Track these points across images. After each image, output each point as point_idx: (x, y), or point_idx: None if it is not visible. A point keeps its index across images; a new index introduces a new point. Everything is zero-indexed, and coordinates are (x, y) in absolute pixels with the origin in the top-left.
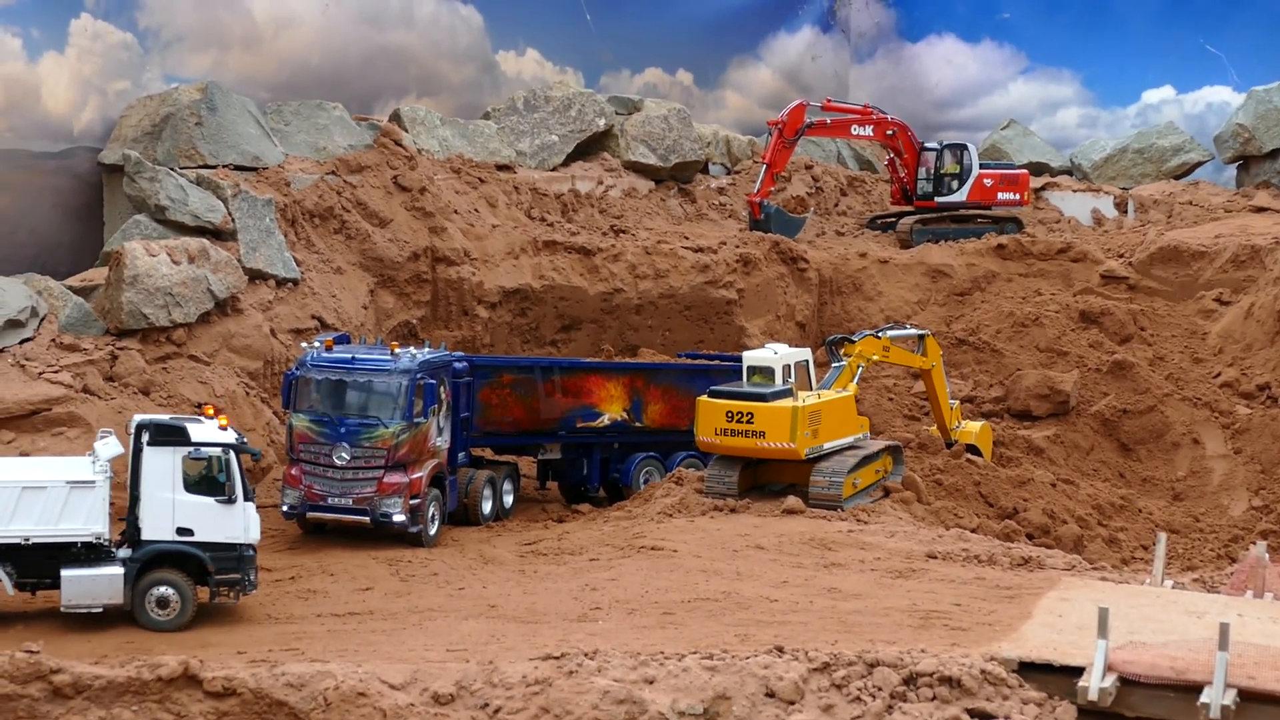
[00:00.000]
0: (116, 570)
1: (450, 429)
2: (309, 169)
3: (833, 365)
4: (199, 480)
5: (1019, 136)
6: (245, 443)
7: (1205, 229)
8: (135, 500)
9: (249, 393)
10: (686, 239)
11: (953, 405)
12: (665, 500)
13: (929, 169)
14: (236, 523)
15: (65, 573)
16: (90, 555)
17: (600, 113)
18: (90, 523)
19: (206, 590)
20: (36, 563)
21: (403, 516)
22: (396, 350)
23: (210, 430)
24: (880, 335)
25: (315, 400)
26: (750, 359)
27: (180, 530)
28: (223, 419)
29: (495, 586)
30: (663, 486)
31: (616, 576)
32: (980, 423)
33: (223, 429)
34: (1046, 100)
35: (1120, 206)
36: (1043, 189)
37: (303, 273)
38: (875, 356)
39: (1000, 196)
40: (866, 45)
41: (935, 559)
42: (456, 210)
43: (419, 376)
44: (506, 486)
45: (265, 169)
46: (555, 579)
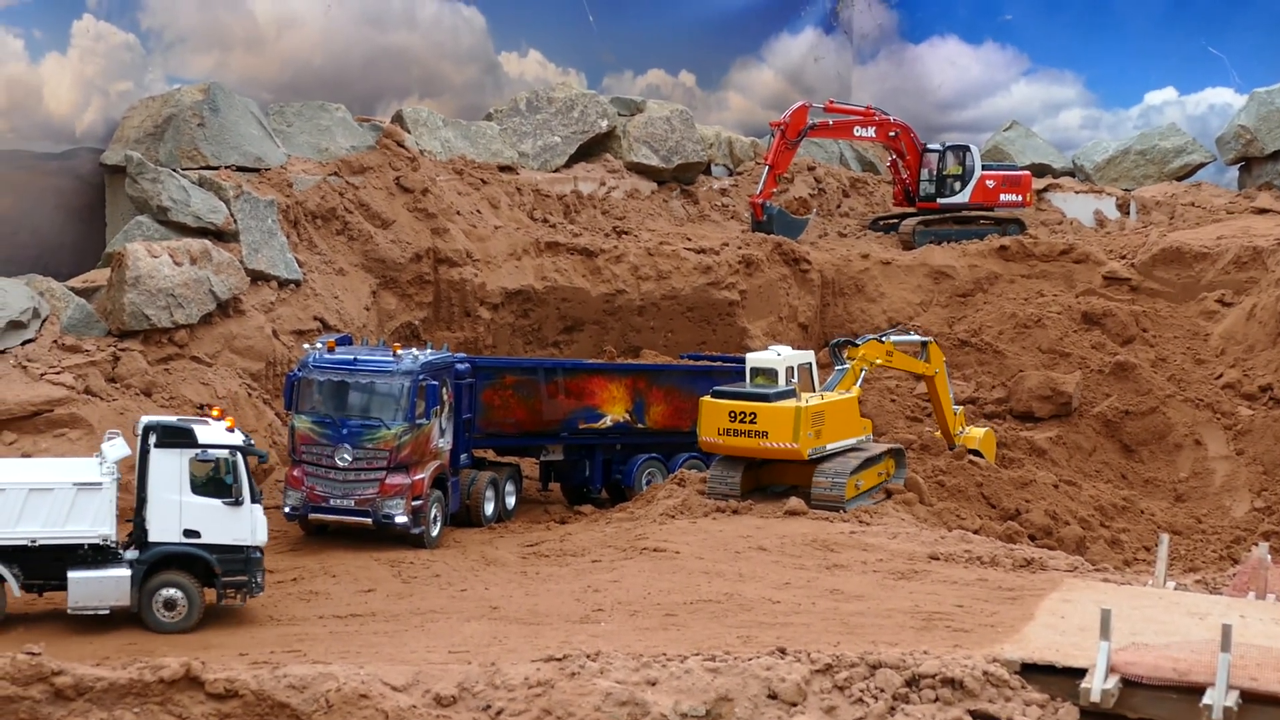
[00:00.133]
0: (124, 572)
1: (452, 430)
2: (311, 170)
3: (836, 368)
4: (206, 482)
5: (1021, 138)
6: (252, 444)
7: (1207, 230)
8: (142, 502)
9: (251, 394)
10: (689, 240)
11: (956, 411)
12: (668, 502)
13: (931, 170)
14: (244, 525)
15: (72, 574)
16: (97, 557)
17: (603, 114)
18: (97, 524)
19: (213, 592)
20: (43, 564)
21: (405, 518)
22: (399, 351)
23: (217, 432)
24: (883, 340)
25: (317, 401)
26: (753, 360)
27: (187, 532)
28: (230, 421)
29: (497, 588)
30: (665, 488)
31: (619, 578)
32: (984, 429)
33: (230, 431)
34: (1049, 102)
35: (1122, 208)
36: (1045, 190)
37: (305, 274)
38: (878, 361)
39: (1003, 198)
40: (869, 46)
41: (938, 560)
42: (459, 211)
43: (421, 378)
44: (509, 488)
45: (267, 170)
46: (557, 580)
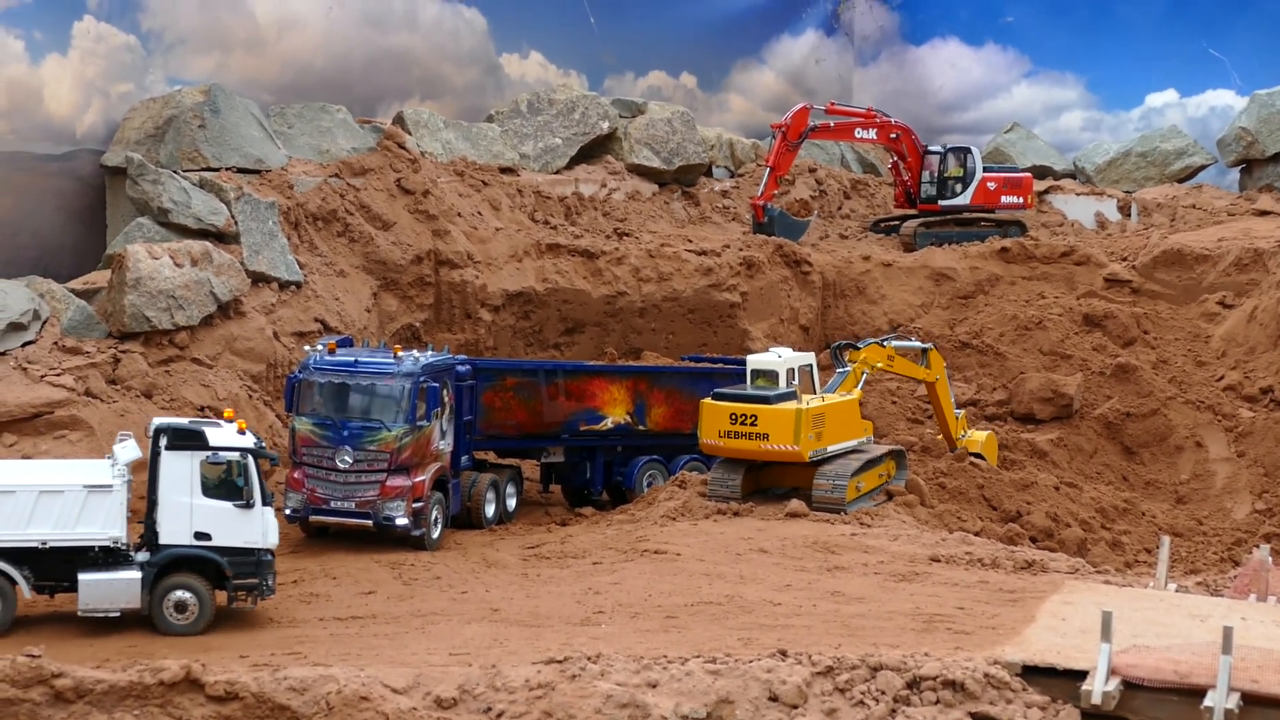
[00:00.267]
0: (134, 574)
1: (453, 432)
2: (312, 172)
3: (837, 370)
4: (217, 484)
5: (1022, 140)
6: (263, 447)
7: (1208, 232)
8: (153, 504)
9: (251, 396)
10: (690, 242)
11: (958, 415)
12: (668, 504)
13: (932, 172)
14: (255, 527)
15: (82, 576)
16: (108, 559)
17: (604, 115)
18: (108, 526)
19: (224, 594)
20: (54, 566)
21: (405, 520)
22: (399, 353)
23: (229, 434)
24: (885, 344)
25: (318, 403)
26: (754, 362)
27: (198, 534)
28: (241, 423)
29: (498, 590)
30: (666, 490)
31: (619, 580)
32: (986, 432)
33: (241, 433)
34: (1050, 104)
35: (1123, 210)
36: (1046, 192)
37: (305, 276)
38: (879, 365)
39: (1004, 200)
40: (870, 48)
41: (939, 562)
42: (460, 213)
43: (422, 380)
44: (509, 490)
45: (268, 172)
46: (558, 582)
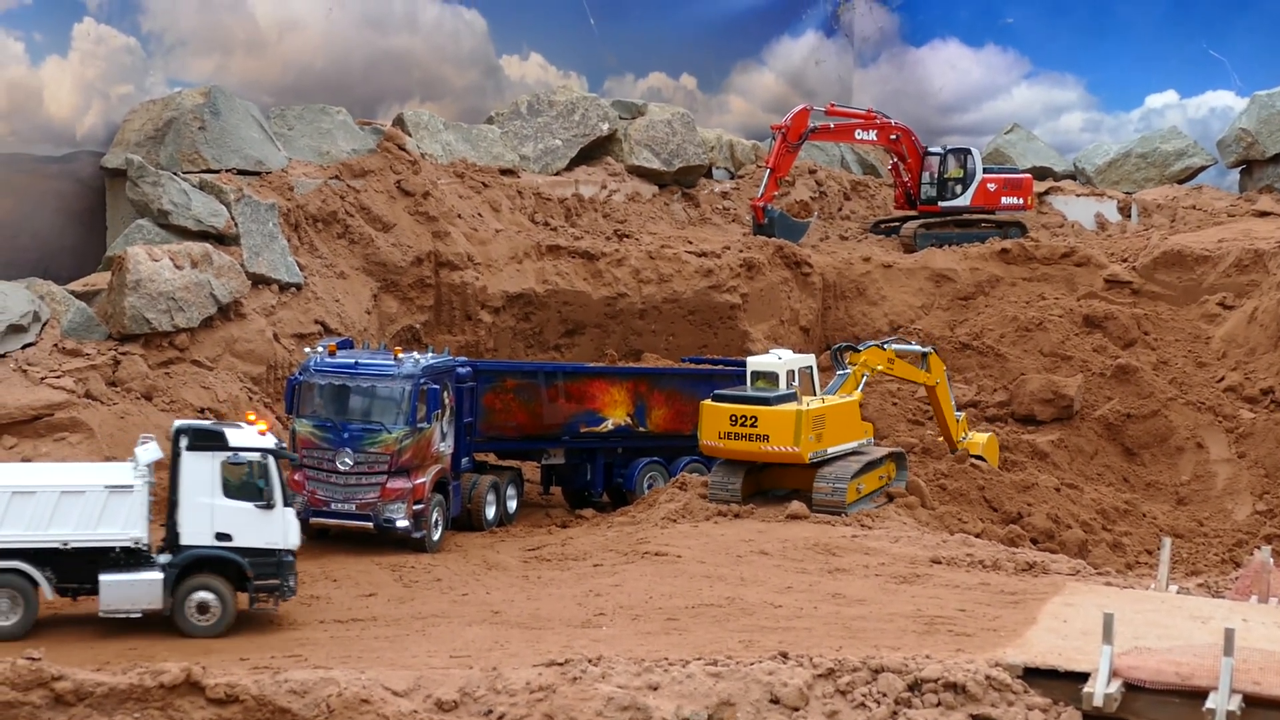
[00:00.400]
0: (156, 575)
1: (454, 434)
2: (312, 173)
3: (837, 373)
4: (238, 485)
5: (1022, 141)
6: (284, 448)
7: (1208, 233)
8: (174, 505)
9: (252, 398)
10: (690, 243)
11: (959, 417)
12: (669, 505)
13: (933, 173)
14: (276, 528)
15: (104, 577)
16: (129, 560)
17: (604, 117)
18: (129, 527)
19: (245, 595)
20: (76, 567)
21: (406, 522)
22: (400, 355)
23: (250, 435)
24: (885, 347)
25: (318, 405)
26: (754, 364)
27: (219, 535)
28: (263, 424)
29: (499, 592)
30: (666, 492)
31: (620, 582)
32: (986, 434)
33: (262, 434)
34: (1050, 105)
35: (1124, 211)
36: (1046, 193)
37: (306, 277)
38: (880, 367)
39: (1004, 201)
40: (870, 50)
41: (940, 564)
42: (460, 215)
43: (422, 382)
44: (510, 492)
45: (268, 173)
46: (559, 585)
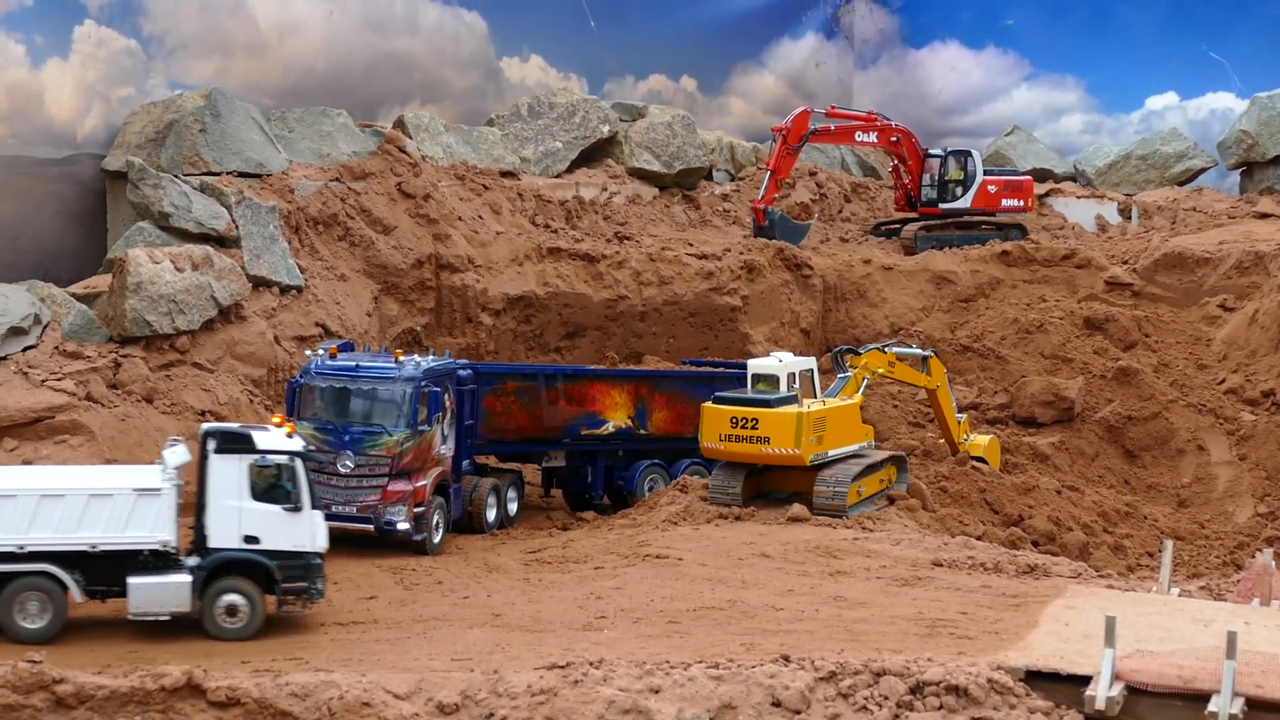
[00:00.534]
0: (184, 578)
1: (454, 437)
2: (313, 176)
3: (838, 375)
4: (266, 488)
5: (1023, 143)
6: (313, 451)
7: (1209, 235)
8: (202, 508)
9: (252, 400)
10: (690, 246)
11: (960, 419)
12: (670, 508)
13: (933, 175)
14: (303, 531)
15: (132, 580)
16: (158, 563)
17: (604, 119)
18: (157, 530)
19: (274, 598)
20: (104, 570)
21: (407, 524)
22: (401, 358)
23: (277, 438)
24: (886, 350)
25: (319, 408)
26: (755, 367)
27: (247, 538)
28: (290, 427)
29: (500, 595)
30: (667, 494)
31: (621, 585)
32: (988, 437)
33: (289, 437)
34: (1050, 106)
35: (1124, 213)
36: (1047, 195)
37: (306, 280)
38: (880, 370)
39: (1004, 203)
40: (870, 52)
41: (941, 567)
42: (460, 217)
43: (423, 384)
44: (511, 494)
45: (269, 176)
46: (560, 587)
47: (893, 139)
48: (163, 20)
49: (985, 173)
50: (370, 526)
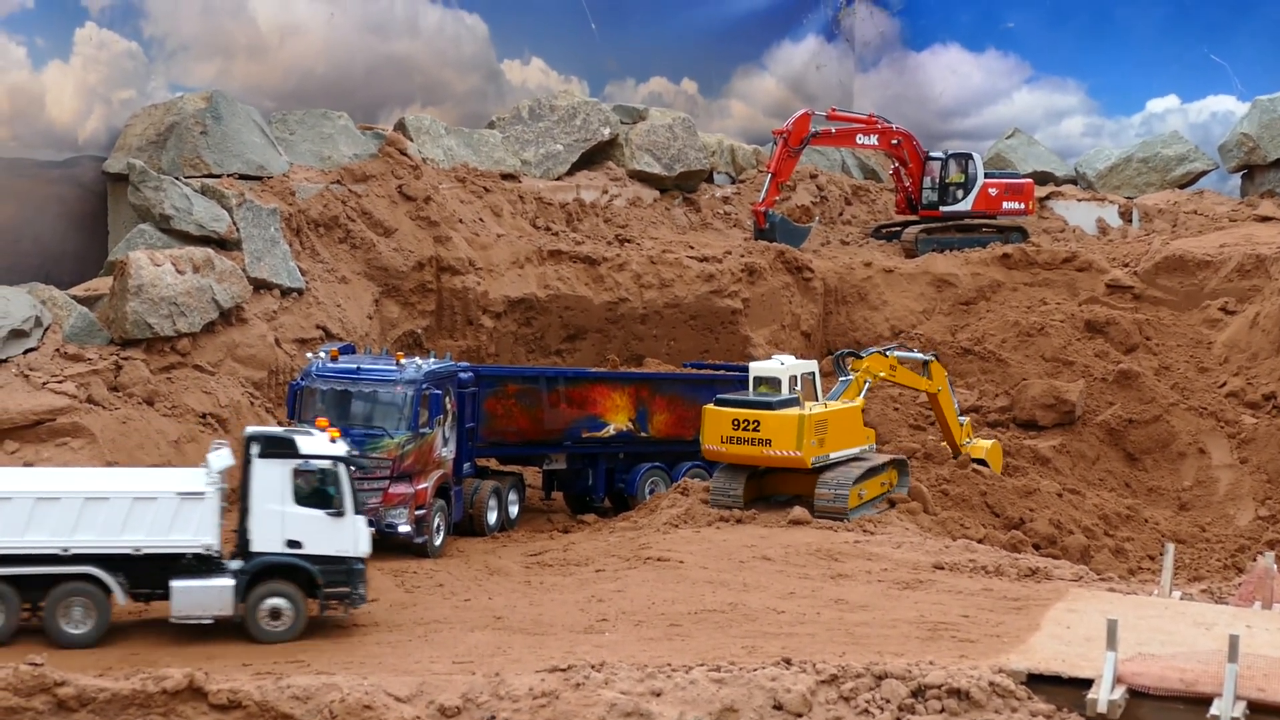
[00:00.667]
0: (227, 582)
1: (455, 439)
2: (314, 178)
3: (839, 379)
4: (309, 493)
5: (1023, 146)
6: (355, 455)
7: (1210, 238)
8: (245, 512)
9: (254, 403)
10: (691, 248)
11: (962, 422)
12: (671, 511)
13: (934, 178)
14: (346, 535)
15: (175, 584)
16: (201, 566)
17: (605, 122)
18: (200, 533)
19: (315, 602)
20: (148, 573)
21: (408, 527)
22: (402, 360)
23: (320, 443)
24: (888, 354)
25: (320, 410)
26: (757, 369)
27: (290, 542)
28: (333, 432)
29: (501, 598)
30: (668, 497)
31: (623, 588)
32: (991, 441)
33: (333, 442)
34: (1051, 109)
35: (1125, 216)
36: (1047, 198)
37: (307, 282)
38: (882, 374)
39: (1005, 206)
40: (871, 54)
41: (942, 570)
42: (461, 219)
43: (424, 387)
44: (512, 497)
45: (270, 178)
46: (561, 590)
47: (893, 141)
48: (164, 23)
49: (986, 175)
50: (371, 529)
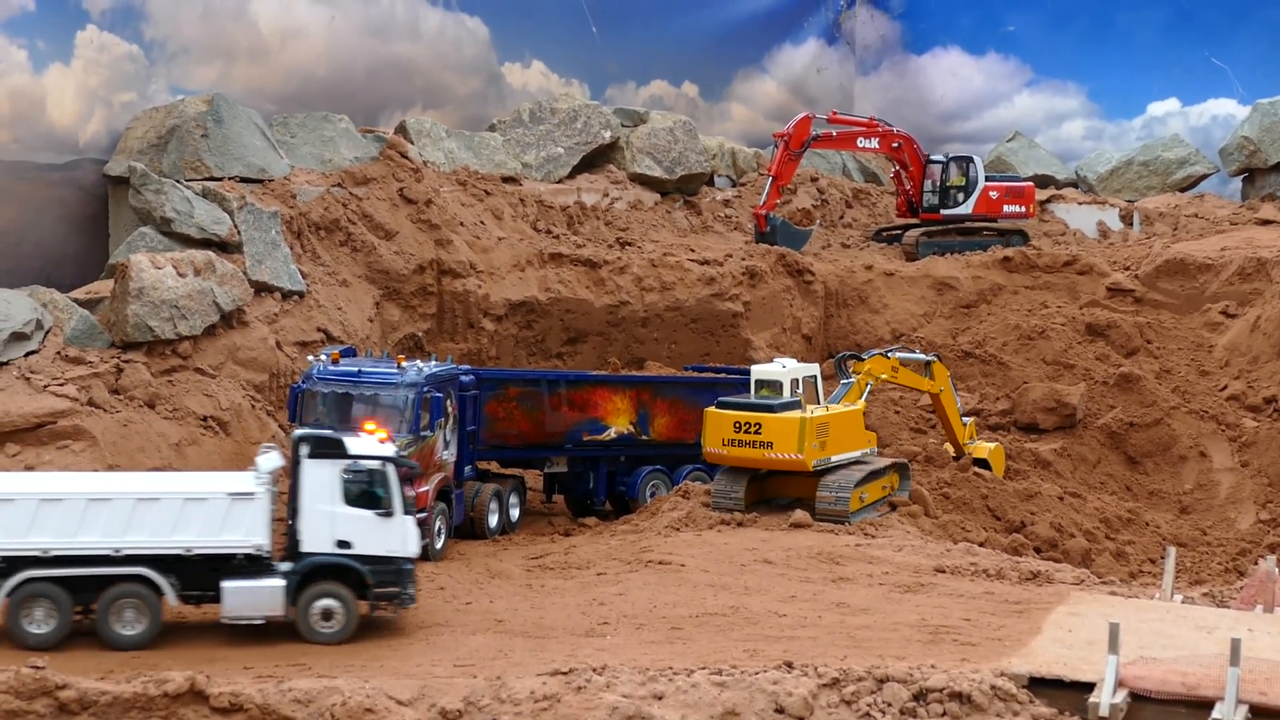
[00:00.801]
0: (278, 583)
1: (456, 442)
2: (315, 181)
3: (841, 382)
4: (359, 494)
5: (1024, 149)
6: (405, 457)
7: (1211, 241)
8: (295, 513)
9: (255, 406)
10: (692, 251)
11: (966, 423)
12: (672, 514)
13: (935, 181)
14: (395, 536)
15: (226, 584)
16: (251, 567)
17: (606, 125)
18: (251, 534)
19: (365, 603)
20: (199, 574)
21: None
22: (403, 363)
23: (369, 444)
24: (889, 356)
25: (321, 413)
26: (758, 373)
27: (339, 543)
28: (384, 433)
29: (502, 601)
30: (669, 500)
31: (624, 591)
32: (993, 444)
33: (382, 443)
34: (1052, 113)
35: (1126, 219)
36: (1048, 201)
37: (308, 285)
38: (884, 376)
39: (1006, 209)
40: (872, 57)
41: (944, 573)
42: (462, 222)
43: (425, 390)
44: (513, 500)
45: (271, 181)
46: (562, 593)
47: (894, 145)
48: (165, 25)
49: (987, 179)
50: None
